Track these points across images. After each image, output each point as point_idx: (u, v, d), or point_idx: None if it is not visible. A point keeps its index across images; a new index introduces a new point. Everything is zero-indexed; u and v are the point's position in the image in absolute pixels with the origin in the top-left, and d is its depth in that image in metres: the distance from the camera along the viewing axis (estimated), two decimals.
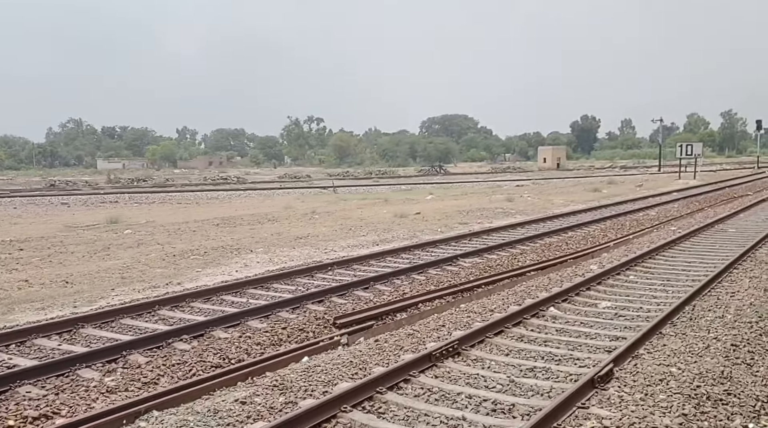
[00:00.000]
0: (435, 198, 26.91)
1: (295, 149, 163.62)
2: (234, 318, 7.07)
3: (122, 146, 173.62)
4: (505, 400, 4.69)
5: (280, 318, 7.25)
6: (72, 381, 5.33)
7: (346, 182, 51.03)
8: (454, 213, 19.29)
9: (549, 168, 79.42)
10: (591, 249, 12.45)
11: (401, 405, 4.65)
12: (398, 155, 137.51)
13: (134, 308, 7.52)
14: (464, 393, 4.83)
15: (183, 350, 6.16)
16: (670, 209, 20.31)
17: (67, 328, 6.77)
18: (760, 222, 16.42)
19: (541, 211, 20.47)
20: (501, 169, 78.24)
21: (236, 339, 6.48)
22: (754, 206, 21.24)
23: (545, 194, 28.31)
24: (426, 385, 5.04)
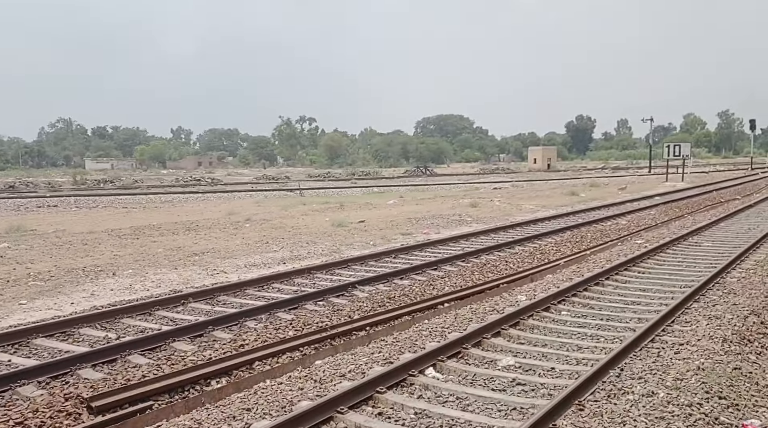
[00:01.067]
0: (397, 203, 24.87)
1: (286, 149, 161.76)
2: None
3: (112, 146, 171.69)
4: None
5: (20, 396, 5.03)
6: None
7: (322, 184, 48.97)
8: (403, 222, 17.25)
9: (539, 169, 77.43)
10: (534, 270, 10.41)
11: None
12: (390, 156, 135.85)
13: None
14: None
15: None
16: (645, 217, 18.28)
17: None
18: (741, 234, 14.39)
19: (502, 219, 18.43)
20: (489, 170, 76.19)
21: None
22: (740, 212, 19.23)
23: (517, 198, 26.27)
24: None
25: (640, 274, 9.98)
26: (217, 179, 54.29)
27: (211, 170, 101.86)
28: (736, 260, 10.61)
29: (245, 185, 45.99)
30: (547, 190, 31.91)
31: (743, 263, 10.53)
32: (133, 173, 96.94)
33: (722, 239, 13.70)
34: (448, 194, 31.12)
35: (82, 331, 6.75)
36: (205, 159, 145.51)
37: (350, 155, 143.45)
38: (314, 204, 25.67)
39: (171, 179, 54.90)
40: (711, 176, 47.81)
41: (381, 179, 56.32)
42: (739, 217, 18.08)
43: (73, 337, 6.61)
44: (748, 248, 11.83)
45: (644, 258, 11.09)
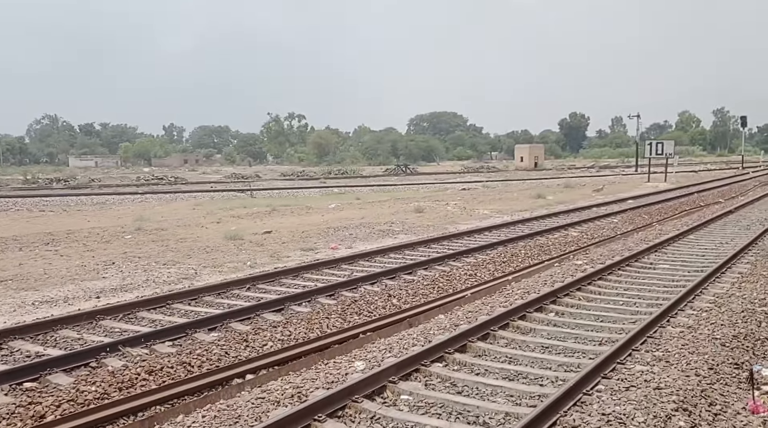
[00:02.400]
0: (340, 207, 22.28)
1: (275, 146, 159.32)
2: None
3: (97, 144, 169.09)
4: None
5: None
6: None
7: (290, 183, 46.34)
8: (318, 232, 14.69)
9: (526, 168, 74.87)
10: (424, 307, 7.84)
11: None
12: (380, 154, 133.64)
13: None
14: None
15: None
16: (605, 226, 15.72)
17: None
18: (708, 251, 11.83)
19: (440, 228, 15.86)
20: (474, 169, 73.57)
21: None
22: (716, 220, 16.69)
23: (476, 202, 23.71)
24: None
25: (554, 317, 7.40)
26: (182, 178, 51.61)
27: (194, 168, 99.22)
28: (690, 295, 8.04)
29: (207, 185, 43.38)
30: (516, 192, 29.35)
31: (698, 299, 7.96)
32: (117, 170, 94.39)
33: (684, 258, 11.14)
34: (407, 196, 28.55)
35: None
36: (192, 157, 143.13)
37: (340, 152, 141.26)
38: (255, 207, 23.08)
39: (135, 178, 52.19)
40: (699, 175, 45.32)
41: (356, 178, 53.72)
42: (713, 227, 15.53)
43: None
44: (710, 274, 9.27)
45: (571, 290, 8.51)
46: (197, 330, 6.62)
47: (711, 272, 9.35)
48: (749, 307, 7.18)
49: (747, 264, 10.28)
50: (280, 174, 60.03)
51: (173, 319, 7.13)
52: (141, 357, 5.80)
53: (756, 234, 13.49)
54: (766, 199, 23.39)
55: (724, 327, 6.41)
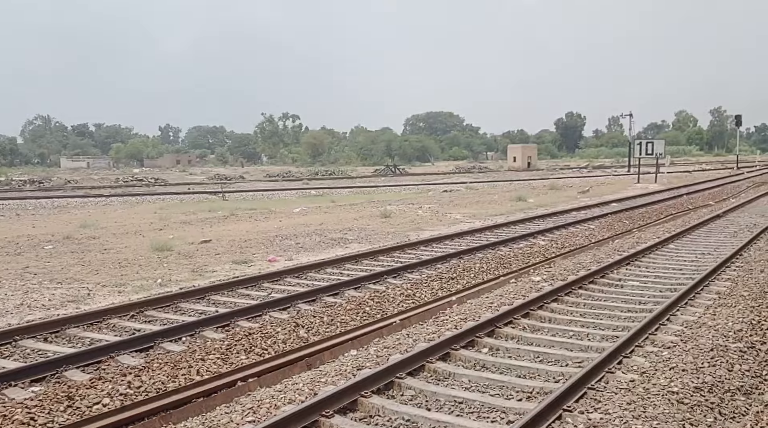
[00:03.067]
0: (304, 211, 20.96)
1: (269, 146, 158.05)
2: None
3: (89, 144, 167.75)
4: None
5: None
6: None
7: (272, 184, 45.03)
8: (266, 240, 13.39)
9: (519, 168, 73.57)
10: (333, 342, 6.52)
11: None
12: (374, 154, 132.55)
13: None
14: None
15: None
16: (580, 233, 14.41)
17: None
18: (686, 264, 10.53)
19: (402, 235, 14.56)
20: (466, 169, 72.24)
21: None
22: (702, 226, 15.40)
23: (453, 205, 22.40)
24: None
25: (484, 356, 6.08)
26: (163, 180, 50.29)
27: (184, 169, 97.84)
28: (654, 324, 6.73)
29: (186, 186, 42.06)
30: (498, 194, 28.03)
31: (662, 330, 6.65)
32: (107, 171, 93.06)
33: (658, 273, 9.84)
34: (384, 198, 27.23)
35: None
36: (184, 157, 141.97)
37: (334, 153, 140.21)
38: (219, 211, 21.77)
39: (114, 179, 50.83)
40: (693, 176, 44.03)
41: (342, 180, 52.43)
42: (697, 234, 14.24)
43: None
44: (684, 294, 7.97)
45: (517, 317, 7.20)
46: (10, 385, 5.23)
47: (684, 292, 8.05)
48: (721, 343, 5.88)
49: (727, 281, 8.98)
50: (266, 175, 58.70)
51: None
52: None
53: (742, 243, 12.20)
54: (758, 202, 22.11)
55: (686, 375, 5.10)
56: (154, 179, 49.98)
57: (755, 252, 11.31)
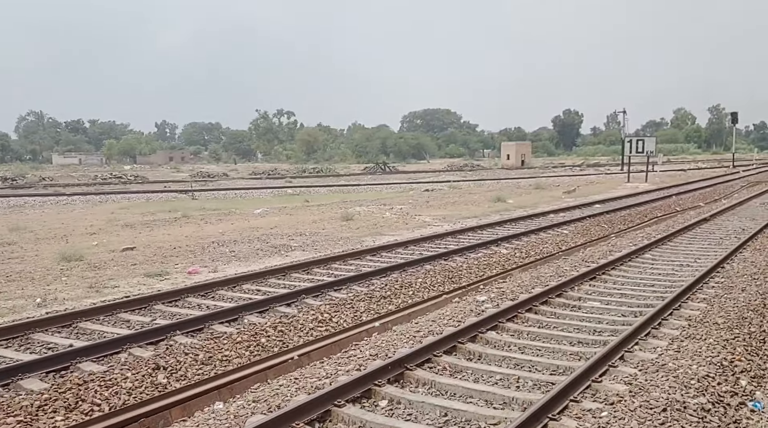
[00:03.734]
0: (266, 212, 19.62)
1: (263, 143, 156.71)
2: None
3: (83, 140, 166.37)
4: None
5: None
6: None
7: (253, 183, 43.67)
8: (198, 248, 12.08)
9: (513, 166, 72.20)
10: (196, 391, 5.21)
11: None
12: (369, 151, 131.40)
13: None
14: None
15: None
16: (550, 240, 13.08)
17: None
18: (659, 278, 9.22)
19: (356, 241, 13.24)
20: (458, 167, 70.87)
21: None
22: (686, 231, 14.09)
23: (428, 205, 21.08)
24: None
25: (376, 418, 4.76)
26: (143, 177, 48.91)
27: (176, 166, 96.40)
28: (603, 364, 5.41)
29: (164, 185, 40.73)
30: (479, 193, 26.67)
31: (611, 374, 5.33)
32: (100, 168, 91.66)
33: (624, 291, 8.52)
34: (361, 198, 25.89)
35: None
36: (177, 154, 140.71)
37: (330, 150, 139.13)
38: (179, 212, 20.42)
39: (93, 177, 49.41)
40: (687, 175, 42.72)
41: (329, 178, 51.05)
42: (680, 240, 12.92)
43: None
44: (648, 321, 6.65)
45: (438, 353, 5.87)
46: None
47: (649, 318, 6.74)
48: (678, 398, 4.55)
49: (702, 302, 7.66)
50: (252, 172, 57.26)
51: None
52: None
53: (727, 252, 10.89)
54: (749, 203, 20.80)
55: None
56: (133, 176, 48.61)
57: (739, 264, 9.99)
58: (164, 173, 61.69)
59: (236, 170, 69.02)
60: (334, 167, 69.80)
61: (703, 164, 63.29)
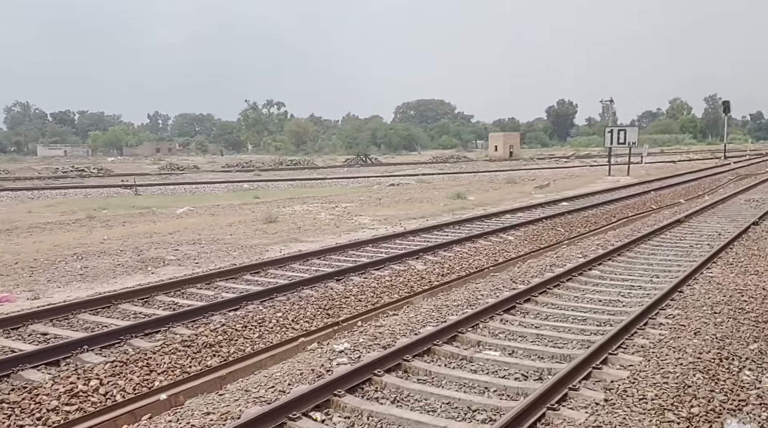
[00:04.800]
0: (190, 212, 17.44)
1: (253, 134, 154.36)
2: None
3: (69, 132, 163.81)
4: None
5: None
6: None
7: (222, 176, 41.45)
8: (44, 262, 9.94)
9: (501, 157, 69.96)
10: None
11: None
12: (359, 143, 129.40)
13: None
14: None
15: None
16: (486, 250, 10.93)
17: None
18: (599, 308, 7.09)
19: (258, 251, 11.09)
20: (443, 158, 68.55)
21: None
22: (654, 235, 11.96)
23: (375, 205, 18.91)
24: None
25: None
26: (108, 170, 46.65)
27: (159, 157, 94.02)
28: None
29: (129, 178, 38.53)
30: (443, 189, 24.48)
31: None
32: (85, 160, 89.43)
33: (542, 332, 6.38)
34: (319, 194, 23.70)
35: None
36: (165, 145, 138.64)
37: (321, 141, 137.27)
38: (105, 210, 18.26)
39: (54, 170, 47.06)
40: (675, 167, 40.57)
41: (304, 170, 48.78)
42: (642, 250, 10.78)
43: None
44: (548, 390, 4.52)
45: None
46: None
47: (551, 386, 4.61)
48: None
49: (637, 353, 5.53)
50: (224, 165, 54.89)
51: None
52: None
53: (693, 266, 8.79)
54: (734, 199, 18.68)
55: None
56: (96, 169, 46.31)
57: (703, 287, 7.86)
58: (136, 165, 59.30)
59: (214, 162, 66.75)
60: (313, 159, 67.50)
61: (695, 155, 61.16)
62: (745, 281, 7.99)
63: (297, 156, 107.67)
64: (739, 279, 8.15)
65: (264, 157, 77.96)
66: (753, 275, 8.41)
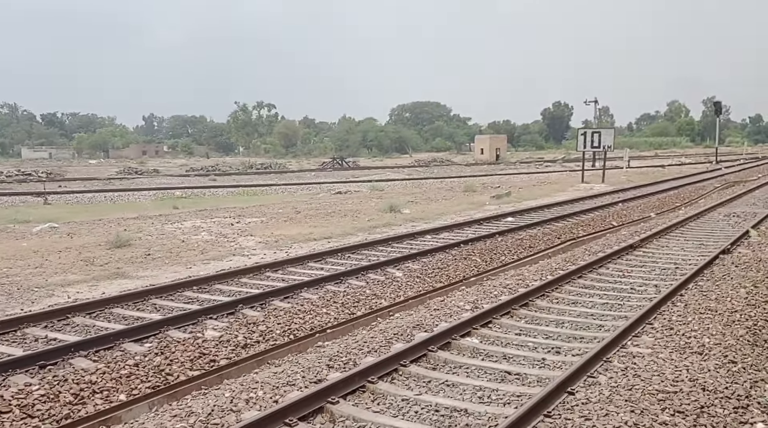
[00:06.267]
0: (49, 231, 14.50)
1: (242, 137, 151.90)
2: None
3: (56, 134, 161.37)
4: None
5: None
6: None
7: (167, 181, 38.55)
8: None
9: (486, 160, 67.04)
10: None
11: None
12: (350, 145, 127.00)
13: None
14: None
15: None
16: (343, 297, 8.00)
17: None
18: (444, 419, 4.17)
19: (44, 294, 8.15)
20: (425, 162, 65.63)
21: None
22: (591, 269, 9.01)
23: (284, 223, 15.94)
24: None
25: None
26: (57, 174, 43.76)
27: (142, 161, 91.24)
28: None
29: (79, 183, 35.76)
30: (385, 199, 21.49)
31: None
32: (73, 162, 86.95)
33: None
34: (238, 204, 20.74)
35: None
36: (151, 147, 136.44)
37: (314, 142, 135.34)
38: None
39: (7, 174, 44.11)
40: (662, 172, 37.61)
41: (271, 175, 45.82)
42: (557, 298, 7.83)
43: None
44: None
45: None
46: None
47: None
48: None
49: None
50: (188, 168, 51.89)
51: None
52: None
53: (614, 335, 5.84)
54: (710, 214, 15.71)
55: None
56: (46, 173, 43.38)
57: (611, 381, 4.91)
58: (98, 169, 56.27)
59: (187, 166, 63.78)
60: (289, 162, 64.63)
61: (688, 158, 58.16)
62: (677, 371, 5.04)
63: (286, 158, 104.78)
64: (670, 364, 5.20)
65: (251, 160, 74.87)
66: (695, 353, 5.47)
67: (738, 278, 8.26)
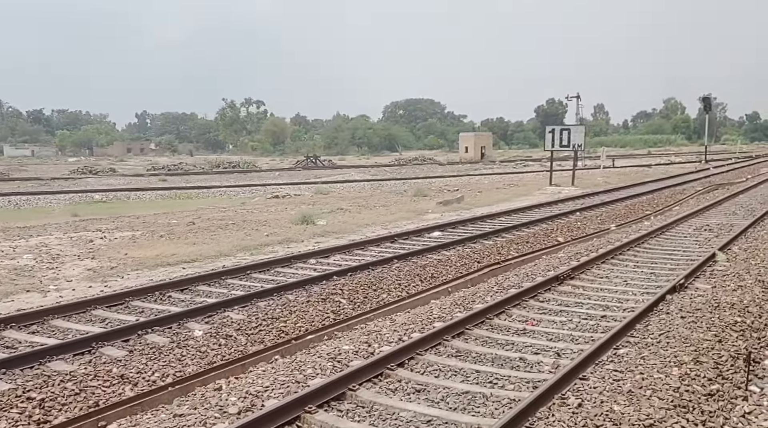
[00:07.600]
0: None
1: (230, 134, 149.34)
2: None
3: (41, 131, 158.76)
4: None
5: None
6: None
7: (117, 182, 35.86)
8: None
9: (471, 159, 64.30)
10: None
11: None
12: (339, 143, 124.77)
13: None
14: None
15: None
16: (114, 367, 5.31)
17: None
18: None
19: None
20: (406, 160, 62.95)
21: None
22: (497, 311, 6.28)
23: (156, 238, 13.19)
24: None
25: None
26: (4, 174, 41.04)
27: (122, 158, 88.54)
28: None
29: (32, 183, 33.13)
30: (322, 204, 18.79)
31: None
32: (56, 160, 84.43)
33: None
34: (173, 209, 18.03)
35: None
36: (136, 145, 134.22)
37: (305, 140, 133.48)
38: None
39: None
40: (645, 172, 34.91)
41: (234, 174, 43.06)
42: (401, 374, 5.12)
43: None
44: None
45: None
46: None
47: None
48: None
49: None
50: (150, 167, 48.99)
51: None
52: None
53: None
54: (685, 224, 13.01)
55: None
56: None
57: None
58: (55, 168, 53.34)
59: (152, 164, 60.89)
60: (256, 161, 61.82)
61: (678, 157, 55.43)
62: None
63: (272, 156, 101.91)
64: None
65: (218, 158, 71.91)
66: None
67: (678, 341, 5.56)
